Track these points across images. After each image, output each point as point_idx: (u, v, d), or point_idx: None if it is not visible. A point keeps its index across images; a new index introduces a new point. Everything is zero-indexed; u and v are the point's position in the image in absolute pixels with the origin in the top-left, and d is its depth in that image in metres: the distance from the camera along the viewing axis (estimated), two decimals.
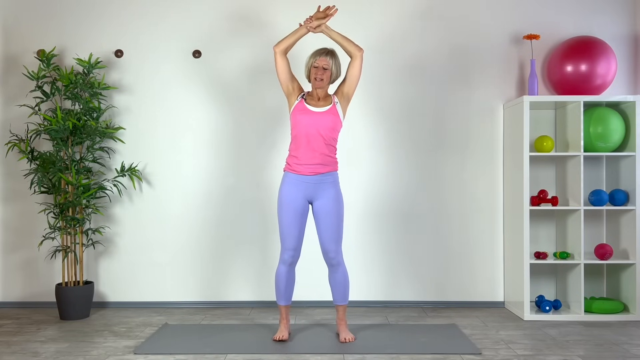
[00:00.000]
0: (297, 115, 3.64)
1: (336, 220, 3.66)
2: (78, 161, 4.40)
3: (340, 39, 3.66)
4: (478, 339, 3.76)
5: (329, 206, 3.64)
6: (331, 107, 3.65)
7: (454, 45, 4.65)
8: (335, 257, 3.68)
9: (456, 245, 4.65)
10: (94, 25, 4.66)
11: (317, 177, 3.63)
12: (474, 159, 4.65)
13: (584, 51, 4.36)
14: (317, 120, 3.60)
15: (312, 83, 3.67)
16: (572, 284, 4.36)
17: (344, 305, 3.78)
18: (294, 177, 3.65)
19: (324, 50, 3.66)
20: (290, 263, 3.69)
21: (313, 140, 3.60)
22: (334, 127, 3.65)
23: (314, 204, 3.68)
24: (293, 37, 3.67)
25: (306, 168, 3.62)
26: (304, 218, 3.68)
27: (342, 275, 3.73)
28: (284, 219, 3.65)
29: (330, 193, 3.65)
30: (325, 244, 3.67)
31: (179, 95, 4.66)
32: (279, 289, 3.73)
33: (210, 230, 4.66)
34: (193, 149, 4.67)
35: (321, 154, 3.62)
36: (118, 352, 3.54)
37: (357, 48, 3.65)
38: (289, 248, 3.66)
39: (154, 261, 4.66)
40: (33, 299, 4.67)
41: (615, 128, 4.28)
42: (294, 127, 3.66)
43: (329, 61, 3.62)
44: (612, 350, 3.53)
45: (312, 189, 3.64)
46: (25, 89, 4.62)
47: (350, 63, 3.68)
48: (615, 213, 4.49)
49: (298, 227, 3.65)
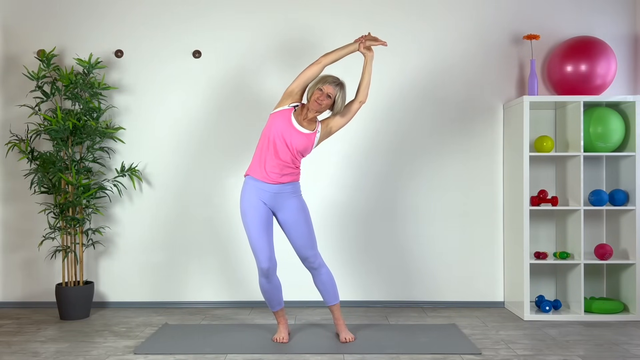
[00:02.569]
0: (278, 119, 3.57)
1: (306, 228, 3.62)
2: (78, 161, 4.40)
3: (367, 76, 3.65)
4: (478, 339, 3.76)
5: (295, 217, 3.60)
6: (311, 134, 3.59)
7: (454, 45, 4.65)
8: (315, 261, 3.65)
9: (456, 245, 4.66)
10: (94, 25, 4.67)
11: (277, 186, 3.57)
12: (474, 159, 4.65)
13: (584, 51, 4.36)
14: (292, 135, 3.53)
15: (309, 103, 3.59)
16: (572, 284, 4.37)
17: (337, 304, 3.76)
18: (254, 184, 3.58)
19: (337, 79, 3.59)
20: (268, 275, 3.59)
21: (280, 150, 3.54)
22: (303, 150, 3.59)
23: (277, 215, 3.63)
24: (341, 52, 3.62)
25: (267, 176, 3.55)
26: (269, 225, 3.60)
27: (326, 276, 3.70)
28: (251, 231, 3.55)
29: (293, 203, 3.60)
30: (302, 252, 3.64)
31: (179, 95, 4.66)
32: (266, 299, 3.71)
33: (210, 230, 4.66)
34: (193, 149, 4.67)
35: (285, 165, 3.56)
36: (118, 352, 3.54)
37: (367, 95, 3.66)
38: (263, 259, 3.56)
39: (154, 261, 4.66)
40: (33, 299, 4.67)
41: (615, 128, 4.28)
42: (269, 128, 3.59)
43: (336, 92, 3.55)
44: (612, 350, 3.53)
45: (273, 199, 3.58)
46: (25, 89, 4.62)
47: (352, 104, 3.66)
48: (615, 213, 4.49)
49: (266, 236, 3.57)
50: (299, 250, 3.64)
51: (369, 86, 3.66)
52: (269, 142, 3.56)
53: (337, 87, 3.56)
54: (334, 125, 3.68)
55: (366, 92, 3.66)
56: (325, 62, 3.60)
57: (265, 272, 3.57)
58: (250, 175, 3.62)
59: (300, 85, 3.62)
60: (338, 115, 3.66)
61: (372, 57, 3.65)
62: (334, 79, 3.57)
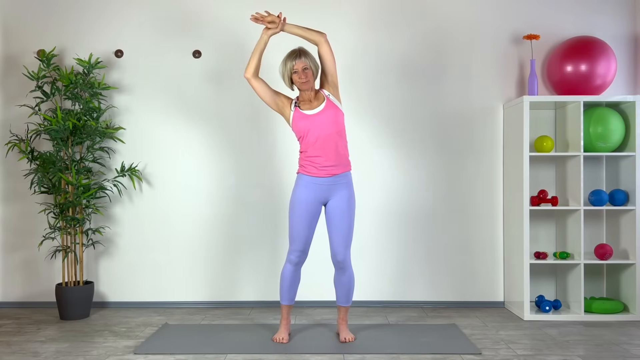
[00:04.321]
0: (299, 124, 3.60)
1: (348, 221, 3.63)
2: (78, 161, 4.40)
3: (301, 31, 3.60)
4: (478, 339, 3.76)
5: (342, 207, 3.62)
6: (326, 102, 3.61)
7: (454, 45, 4.65)
8: (344, 261, 3.65)
9: (456, 245, 4.66)
10: (94, 25, 4.67)
11: (331, 178, 3.60)
12: (474, 159, 4.65)
13: (584, 51, 4.36)
14: (319, 121, 3.57)
15: (299, 87, 3.60)
16: (572, 284, 4.36)
17: (347, 307, 3.77)
18: (308, 180, 3.61)
19: (295, 52, 3.58)
20: (296, 263, 3.67)
21: (323, 141, 3.56)
22: (337, 119, 3.60)
23: (327, 204, 3.67)
24: (257, 54, 3.62)
25: (320, 170, 3.59)
26: (314, 221, 3.66)
27: (347, 279, 3.71)
28: (295, 221, 3.62)
29: (344, 194, 3.63)
30: (335, 246, 3.65)
31: (178, 95, 4.66)
32: (282, 288, 3.72)
33: (210, 230, 4.66)
34: (193, 149, 4.67)
35: (334, 153, 3.58)
36: (118, 352, 3.54)
37: (318, 34, 3.59)
38: (296, 249, 3.64)
39: (154, 261, 4.66)
40: (33, 299, 4.67)
41: (615, 128, 4.28)
42: (300, 136, 3.62)
43: (305, 61, 3.55)
44: (612, 350, 3.53)
45: (327, 191, 3.61)
46: (25, 89, 4.62)
47: (319, 52, 3.61)
48: (615, 213, 4.49)
49: (308, 230, 3.63)
50: (334, 244, 3.63)
51: (307, 30, 3.60)
52: (309, 143, 3.58)
53: (301, 56, 3.56)
54: (328, 77, 3.64)
55: (313, 34, 3.58)
56: (249, 76, 3.61)
57: (294, 260, 3.64)
58: (302, 173, 3.64)
59: (271, 100, 3.64)
60: (324, 69, 3.64)
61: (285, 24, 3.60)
62: (293, 55, 3.57)
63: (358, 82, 4.63)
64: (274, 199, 4.66)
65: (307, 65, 3.56)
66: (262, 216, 4.66)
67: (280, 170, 4.65)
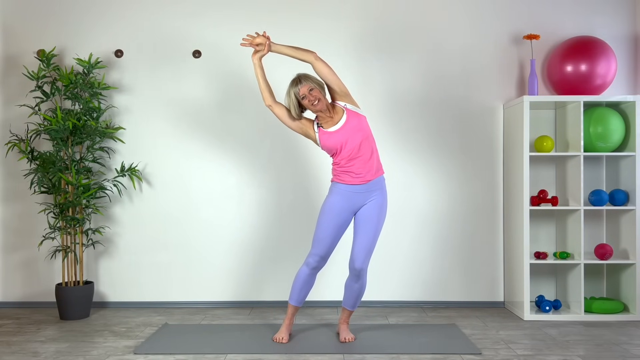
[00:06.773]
0: (327, 143, 3.56)
1: (374, 230, 3.59)
2: (78, 161, 4.40)
3: (290, 51, 3.55)
4: (478, 339, 3.76)
5: (372, 215, 3.59)
6: (346, 113, 3.56)
7: (454, 45, 4.65)
8: (361, 269, 3.61)
9: (456, 245, 4.66)
10: (94, 25, 4.67)
11: (366, 185, 3.57)
12: (473, 159, 4.65)
13: (584, 51, 4.36)
14: (346, 134, 3.52)
15: (314, 112, 3.55)
16: (572, 284, 4.36)
17: (351, 311, 3.78)
18: (344, 188, 3.58)
19: (294, 80, 3.53)
20: (313, 267, 3.64)
21: (355, 152, 3.53)
22: (361, 126, 3.55)
23: (359, 211, 3.63)
24: (260, 81, 3.59)
25: (355, 178, 3.56)
26: (342, 230, 3.64)
27: (359, 287, 3.69)
28: (324, 226, 3.59)
29: (377, 202, 3.60)
30: (356, 252, 3.60)
31: (178, 95, 4.66)
32: (294, 288, 3.70)
33: (210, 230, 4.66)
34: (193, 149, 4.66)
35: (368, 160, 3.56)
36: (118, 352, 3.54)
37: (308, 54, 3.52)
38: (317, 254, 3.61)
39: (154, 261, 4.66)
40: (33, 299, 4.67)
41: (615, 128, 4.28)
42: (332, 153, 3.60)
43: (307, 83, 3.50)
44: (612, 350, 3.53)
45: (362, 198, 3.58)
46: (25, 89, 4.62)
47: (315, 70, 3.55)
48: (615, 213, 4.49)
49: (333, 237, 3.61)
50: (356, 249, 3.59)
51: (296, 49, 3.55)
52: (341, 157, 3.55)
53: (301, 81, 3.51)
54: (335, 88, 3.57)
55: (303, 53, 3.52)
56: (270, 103, 3.60)
57: (312, 263, 3.62)
58: (337, 182, 3.61)
59: (295, 124, 3.62)
60: (328, 84, 3.58)
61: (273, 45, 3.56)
62: (292, 83, 3.53)
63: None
64: (276, 200, 4.65)
65: (311, 87, 3.50)
66: (262, 216, 4.66)
67: (280, 169, 4.66)
